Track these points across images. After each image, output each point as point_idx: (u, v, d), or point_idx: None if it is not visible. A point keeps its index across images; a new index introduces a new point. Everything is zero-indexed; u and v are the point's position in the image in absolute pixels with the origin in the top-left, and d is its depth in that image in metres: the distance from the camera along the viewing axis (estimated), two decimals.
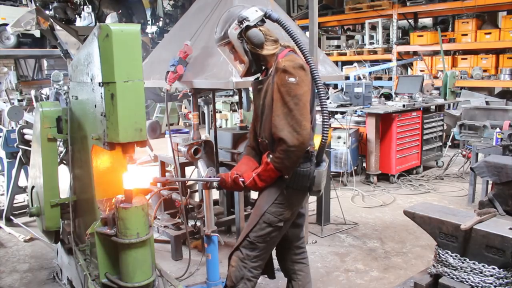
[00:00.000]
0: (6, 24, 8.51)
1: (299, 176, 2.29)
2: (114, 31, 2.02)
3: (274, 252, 2.67)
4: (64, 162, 3.05)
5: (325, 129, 2.25)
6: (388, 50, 10.39)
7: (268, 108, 2.30)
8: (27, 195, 3.46)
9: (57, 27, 7.40)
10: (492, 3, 8.68)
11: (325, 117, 2.25)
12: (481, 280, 2.18)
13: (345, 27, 12.92)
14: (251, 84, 2.53)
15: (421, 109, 6.46)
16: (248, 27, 2.29)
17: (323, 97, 2.26)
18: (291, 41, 2.36)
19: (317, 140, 2.35)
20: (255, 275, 2.41)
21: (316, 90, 2.28)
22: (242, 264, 2.38)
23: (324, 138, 2.26)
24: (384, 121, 5.97)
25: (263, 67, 2.42)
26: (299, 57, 2.30)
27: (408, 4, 9.85)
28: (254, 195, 4.48)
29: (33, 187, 3.11)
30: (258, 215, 2.36)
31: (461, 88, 8.75)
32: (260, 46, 2.30)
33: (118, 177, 2.35)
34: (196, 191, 4.58)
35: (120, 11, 10.63)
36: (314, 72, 2.26)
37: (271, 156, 2.29)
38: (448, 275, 2.30)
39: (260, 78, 2.44)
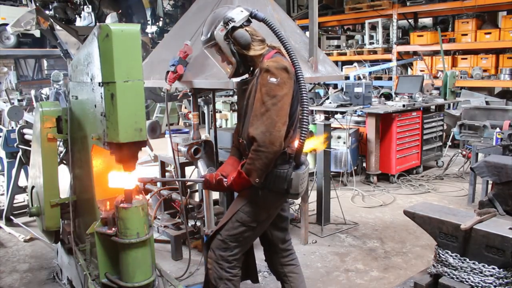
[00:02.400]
0: (6, 24, 8.53)
1: (276, 178, 2.25)
2: (114, 31, 2.02)
3: (257, 256, 2.66)
4: (64, 162, 3.05)
5: (304, 131, 2.21)
6: (388, 50, 10.39)
7: (250, 109, 2.28)
8: (27, 195, 3.46)
9: (57, 27, 7.41)
10: (492, 3, 8.68)
11: (305, 119, 2.21)
12: (481, 280, 2.18)
13: (345, 27, 12.92)
14: (236, 85, 2.51)
15: (421, 109, 6.46)
16: (234, 28, 2.27)
17: (305, 99, 2.22)
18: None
19: (309, 142, 2.32)
20: (234, 274, 2.39)
21: (299, 93, 2.25)
22: (218, 265, 2.37)
23: (302, 139, 2.22)
24: (384, 121, 5.97)
25: (251, 68, 2.40)
26: (285, 59, 2.28)
27: (408, 4, 9.84)
28: None
29: (33, 187, 3.11)
30: (231, 213, 2.35)
31: (461, 88, 8.75)
32: (247, 47, 2.29)
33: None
34: (196, 191, 4.58)
35: (120, 11, 10.63)
36: (299, 73, 2.23)
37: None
38: (448, 275, 2.30)
39: (246, 79, 2.43)
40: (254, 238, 2.47)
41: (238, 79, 2.49)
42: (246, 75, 2.44)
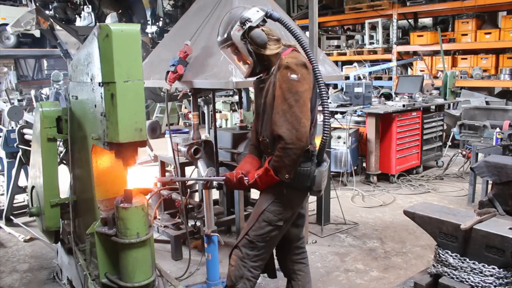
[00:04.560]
0: (6, 24, 8.53)
1: (300, 176, 2.29)
2: (114, 31, 2.03)
3: (275, 251, 2.67)
4: (64, 162, 3.05)
5: (326, 128, 2.26)
6: (388, 50, 10.39)
7: (269, 107, 2.30)
8: (27, 195, 3.46)
9: (57, 27, 7.42)
10: (492, 3, 8.68)
11: (326, 116, 2.26)
12: (481, 280, 2.18)
13: (345, 27, 12.92)
14: (253, 83, 2.53)
15: (421, 109, 6.46)
16: (250, 28, 2.29)
17: (324, 97, 2.27)
18: (291, 40, 2.36)
19: (318, 140, 2.36)
20: (255, 275, 2.41)
21: (317, 89, 2.29)
22: (242, 263, 2.37)
23: (325, 137, 2.26)
24: (384, 121, 5.97)
25: (267, 67, 2.42)
26: (302, 55, 2.31)
27: (408, 4, 9.84)
28: (254, 195, 4.48)
29: (33, 187, 3.11)
30: (257, 214, 2.36)
31: (461, 88, 8.75)
32: (263, 46, 2.31)
33: (118, 177, 2.35)
34: (196, 191, 4.58)
35: (120, 11, 10.64)
36: (317, 71, 2.27)
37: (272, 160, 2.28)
38: (448, 275, 2.30)
39: (262, 77, 2.45)
40: (280, 237, 2.47)
41: (252, 78, 2.50)
42: (261, 74, 2.46)
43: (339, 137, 5.91)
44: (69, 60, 7.40)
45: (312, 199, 4.44)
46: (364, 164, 6.28)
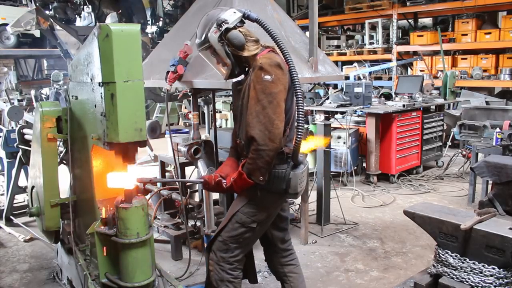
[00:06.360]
0: (6, 24, 8.53)
1: (275, 178, 2.25)
2: (114, 31, 2.02)
3: (257, 256, 2.66)
4: (64, 162, 3.05)
5: (300, 130, 2.21)
6: (388, 50, 10.39)
7: (245, 109, 2.27)
8: (27, 195, 3.46)
9: (57, 27, 7.42)
10: (492, 3, 8.68)
11: (300, 118, 2.21)
12: (481, 280, 2.18)
13: (345, 27, 12.92)
14: (231, 85, 2.50)
15: (421, 109, 6.46)
16: (227, 30, 2.27)
17: (299, 97, 2.22)
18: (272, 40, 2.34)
19: (308, 142, 2.32)
20: (235, 276, 2.39)
21: (293, 91, 2.25)
22: (219, 267, 2.37)
23: (298, 138, 2.21)
24: (384, 121, 5.97)
25: (246, 69, 2.39)
26: (278, 56, 2.28)
27: (408, 4, 9.84)
28: None
29: (33, 187, 3.11)
30: (231, 214, 2.35)
31: (461, 88, 8.75)
32: (241, 48, 2.28)
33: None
34: (196, 191, 4.58)
35: (120, 11, 10.63)
36: (293, 72, 2.23)
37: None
38: (448, 275, 2.30)
39: (240, 79, 2.42)
40: (255, 239, 2.46)
41: (234, 80, 2.48)
42: (242, 76, 2.43)
43: (339, 137, 5.91)
44: (69, 60, 7.41)
45: (312, 199, 4.44)
46: (364, 164, 6.28)
